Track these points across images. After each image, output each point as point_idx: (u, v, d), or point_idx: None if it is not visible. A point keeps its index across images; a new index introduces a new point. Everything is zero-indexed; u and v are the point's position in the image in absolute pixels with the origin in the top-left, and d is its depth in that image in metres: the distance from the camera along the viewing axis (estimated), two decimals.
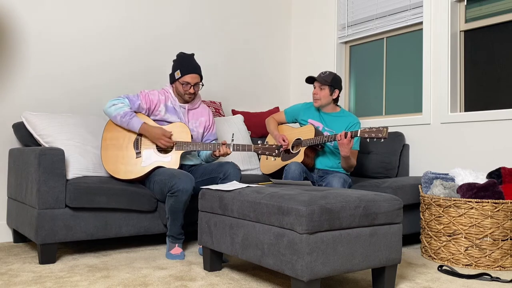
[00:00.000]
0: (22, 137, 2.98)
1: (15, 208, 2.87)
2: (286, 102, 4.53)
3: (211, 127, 3.09)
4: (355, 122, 3.17)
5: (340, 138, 2.84)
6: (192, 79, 2.88)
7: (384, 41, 3.90)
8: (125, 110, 2.78)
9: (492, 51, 3.23)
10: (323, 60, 4.24)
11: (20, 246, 2.98)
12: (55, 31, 3.33)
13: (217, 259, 2.37)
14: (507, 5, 3.14)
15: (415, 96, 3.66)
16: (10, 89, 3.18)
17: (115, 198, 2.65)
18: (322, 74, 3.18)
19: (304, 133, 3.16)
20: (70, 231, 2.56)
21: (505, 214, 2.51)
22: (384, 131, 2.70)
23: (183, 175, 2.60)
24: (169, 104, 2.94)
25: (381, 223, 1.99)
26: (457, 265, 2.57)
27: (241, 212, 2.08)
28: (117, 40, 3.59)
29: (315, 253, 1.78)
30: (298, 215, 1.78)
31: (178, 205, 2.60)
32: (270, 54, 4.43)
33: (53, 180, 2.52)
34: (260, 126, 3.87)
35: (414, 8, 3.57)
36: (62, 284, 2.11)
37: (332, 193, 1.95)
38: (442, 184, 2.70)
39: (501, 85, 3.18)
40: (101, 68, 3.52)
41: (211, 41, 4.07)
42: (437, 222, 2.65)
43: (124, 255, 2.73)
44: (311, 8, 4.37)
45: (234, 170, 2.77)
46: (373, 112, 3.98)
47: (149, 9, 3.74)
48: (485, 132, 3.10)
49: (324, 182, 2.96)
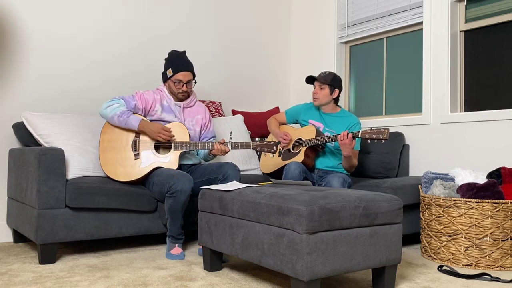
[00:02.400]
0: (22, 137, 2.98)
1: (15, 208, 2.87)
2: (286, 102, 4.53)
3: (208, 125, 3.08)
4: (355, 122, 3.17)
5: (342, 138, 2.84)
6: (184, 76, 2.87)
7: (384, 41, 3.90)
8: (122, 110, 2.76)
9: (492, 51, 3.23)
10: (323, 60, 4.24)
11: (20, 246, 2.98)
12: (55, 31, 3.33)
13: (217, 259, 2.37)
14: (507, 5, 3.14)
15: (415, 96, 3.66)
16: (10, 89, 3.18)
17: (115, 198, 2.65)
18: (322, 74, 3.18)
19: (305, 133, 3.16)
20: (70, 231, 2.56)
21: (505, 214, 2.51)
22: (385, 132, 2.69)
23: (181, 175, 2.60)
24: (165, 103, 2.93)
25: (381, 223, 1.99)
26: (457, 265, 2.57)
27: (241, 212, 2.08)
28: (117, 40, 3.59)
29: (315, 253, 1.78)
30: (298, 215, 1.78)
31: (177, 206, 2.60)
32: (270, 54, 4.43)
33: (53, 180, 2.52)
34: (260, 126, 3.87)
35: (414, 8, 3.57)
36: (62, 284, 2.11)
37: (332, 193, 1.95)
38: (442, 184, 2.70)
39: (501, 85, 3.18)
40: (101, 68, 3.52)
41: (211, 41, 4.07)
42: (437, 222, 2.65)
43: (124, 255, 2.73)
44: (311, 8, 4.37)
45: (234, 171, 2.77)
46: (373, 112, 3.98)
47: (148, 9, 3.74)
48: (485, 132, 3.10)
49: (324, 182, 2.96)
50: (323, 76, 3.16)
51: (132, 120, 2.75)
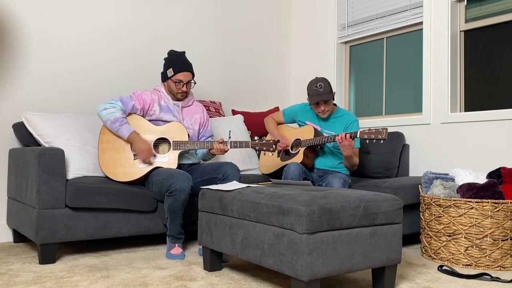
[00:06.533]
0: (22, 137, 2.98)
1: (15, 208, 2.87)
2: (286, 102, 4.53)
3: (206, 124, 3.08)
4: (352, 120, 3.15)
5: (341, 140, 2.82)
6: (185, 77, 2.88)
7: (384, 41, 3.90)
8: (116, 116, 2.75)
9: (492, 51, 3.23)
10: (323, 60, 4.24)
11: (20, 246, 2.98)
12: (55, 32, 3.33)
13: (217, 259, 2.37)
14: (507, 5, 3.14)
15: (415, 96, 3.66)
16: (10, 89, 3.18)
17: (115, 198, 2.65)
18: (319, 88, 3.01)
19: (303, 133, 3.15)
20: (70, 231, 2.56)
21: (505, 214, 2.51)
22: (384, 132, 2.68)
23: (180, 174, 2.60)
24: (163, 103, 2.93)
25: (381, 223, 1.99)
26: (457, 265, 2.57)
27: (241, 212, 2.08)
28: (117, 41, 3.59)
29: (315, 253, 1.78)
30: (298, 215, 1.78)
31: (176, 205, 2.60)
32: (270, 54, 4.43)
33: (53, 180, 2.52)
34: (260, 126, 3.87)
35: (414, 8, 3.57)
36: (62, 284, 2.11)
37: (332, 193, 1.95)
38: (442, 184, 2.70)
39: (501, 85, 3.18)
40: (101, 68, 3.52)
41: (211, 42, 4.07)
42: (437, 222, 2.65)
43: (124, 255, 2.73)
44: (311, 8, 4.37)
45: (233, 171, 2.77)
46: (373, 112, 3.98)
47: (148, 10, 3.74)
48: (485, 132, 3.10)
49: (324, 182, 2.95)
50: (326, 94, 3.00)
51: (123, 130, 2.74)
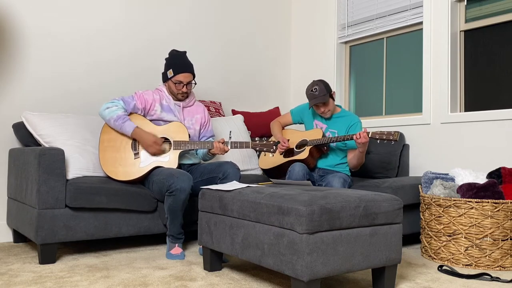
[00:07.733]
0: (22, 137, 2.98)
1: (15, 208, 2.87)
2: (286, 102, 4.53)
3: (207, 124, 3.09)
4: (355, 121, 3.18)
5: (359, 136, 2.85)
6: (185, 78, 2.88)
7: (384, 41, 3.90)
8: (118, 114, 2.76)
9: (492, 51, 3.23)
10: (323, 60, 4.24)
11: (20, 246, 2.98)
12: (55, 31, 3.33)
13: (217, 259, 2.37)
14: (507, 5, 3.14)
15: (415, 96, 3.66)
16: (10, 89, 3.18)
17: (115, 198, 2.65)
18: (314, 91, 3.06)
19: (310, 135, 3.18)
20: (70, 231, 2.56)
21: (505, 214, 2.51)
22: (396, 134, 2.76)
23: (180, 174, 2.60)
24: (164, 103, 2.94)
25: (381, 223, 1.99)
26: (457, 265, 2.57)
27: (241, 212, 2.08)
28: (117, 40, 3.59)
29: (315, 253, 1.78)
30: (298, 215, 1.78)
31: (176, 204, 2.60)
32: (270, 54, 4.43)
33: (53, 180, 2.52)
34: (260, 126, 3.87)
35: (414, 8, 3.57)
36: (62, 284, 2.11)
37: (332, 193, 1.95)
38: (442, 184, 2.70)
39: (501, 85, 3.18)
40: (101, 68, 3.52)
41: (212, 41, 4.07)
42: (437, 222, 2.65)
43: (124, 255, 2.73)
44: (311, 8, 4.37)
45: (234, 170, 2.77)
46: (373, 112, 3.98)
47: (149, 9, 3.74)
48: (485, 132, 3.10)
49: (324, 182, 2.96)
50: (321, 96, 3.05)
51: (126, 126, 2.75)
